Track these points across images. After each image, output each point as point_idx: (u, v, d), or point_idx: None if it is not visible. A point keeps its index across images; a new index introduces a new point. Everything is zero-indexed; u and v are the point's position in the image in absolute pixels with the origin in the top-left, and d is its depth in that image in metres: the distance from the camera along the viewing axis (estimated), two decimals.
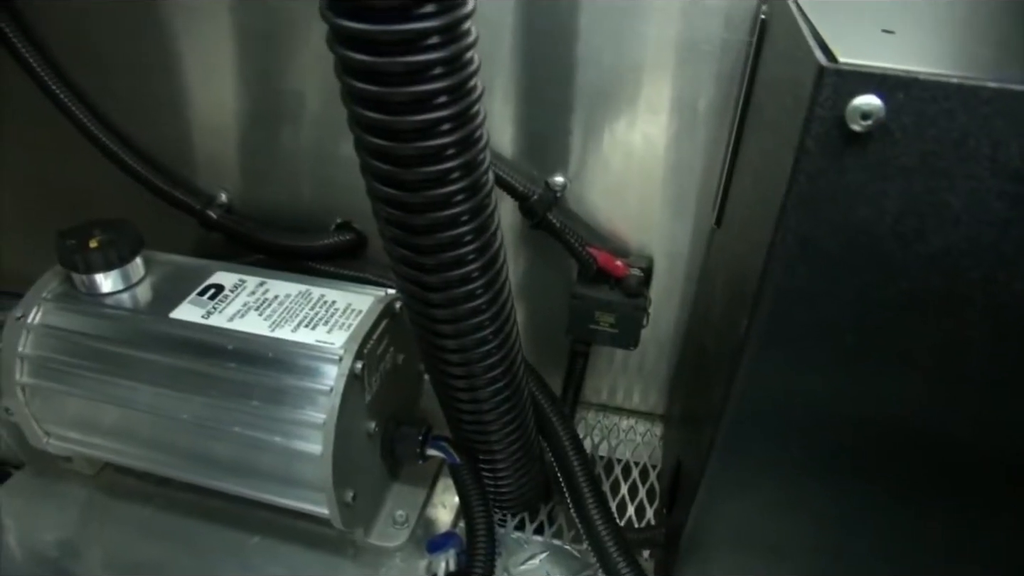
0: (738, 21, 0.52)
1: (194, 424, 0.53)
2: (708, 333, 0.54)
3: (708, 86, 0.57)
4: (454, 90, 0.34)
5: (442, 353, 0.47)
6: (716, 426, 0.43)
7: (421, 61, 0.32)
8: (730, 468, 0.45)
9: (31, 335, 0.57)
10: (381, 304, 0.54)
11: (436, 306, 0.43)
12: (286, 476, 0.53)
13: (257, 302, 0.56)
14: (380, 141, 0.35)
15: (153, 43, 0.68)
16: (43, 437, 0.60)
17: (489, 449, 0.55)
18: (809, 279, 0.35)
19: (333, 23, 0.32)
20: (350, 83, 0.33)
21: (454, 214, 0.38)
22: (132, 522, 0.62)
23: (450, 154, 0.36)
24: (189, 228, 0.75)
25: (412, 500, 0.61)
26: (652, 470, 0.70)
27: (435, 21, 0.31)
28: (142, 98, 0.72)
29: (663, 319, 0.70)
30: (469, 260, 0.41)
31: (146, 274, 0.60)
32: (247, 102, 0.70)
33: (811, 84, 0.30)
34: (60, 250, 0.57)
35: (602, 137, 0.62)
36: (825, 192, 0.32)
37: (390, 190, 0.37)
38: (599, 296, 0.62)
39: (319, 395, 0.50)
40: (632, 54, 0.57)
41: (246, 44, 0.66)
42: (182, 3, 0.65)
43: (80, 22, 0.68)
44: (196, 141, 0.74)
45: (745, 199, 0.47)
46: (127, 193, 0.75)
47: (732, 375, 0.40)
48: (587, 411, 0.77)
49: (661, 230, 0.65)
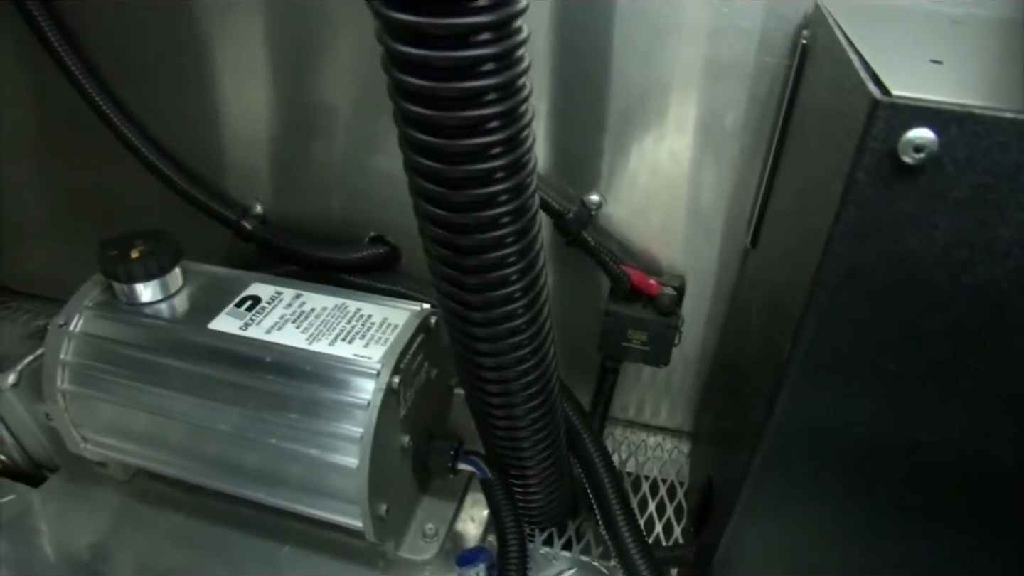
0: (776, 44, 0.52)
1: (231, 434, 0.54)
2: (744, 353, 0.54)
3: (742, 107, 0.57)
4: (506, 115, 0.34)
5: (479, 370, 0.47)
6: (754, 447, 0.43)
7: (476, 87, 0.32)
8: (767, 490, 0.45)
9: (72, 342, 0.58)
10: (417, 319, 0.55)
11: (477, 324, 0.44)
12: (320, 488, 0.53)
13: (294, 315, 0.56)
14: (430, 163, 0.35)
15: (190, 56, 0.69)
16: (80, 442, 0.61)
17: (521, 465, 0.56)
18: (854, 306, 0.36)
19: (390, 47, 0.32)
20: (404, 105, 0.34)
21: (500, 236, 0.39)
22: (164, 528, 0.62)
23: (499, 177, 0.36)
24: (221, 237, 0.76)
25: (441, 514, 0.62)
26: (679, 487, 0.70)
27: (490, 48, 0.32)
28: (178, 110, 0.73)
29: (691, 336, 0.70)
30: (512, 281, 0.41)
31: (184, 284, 0.61)
32: (281, 114, 0.71)
33: (864, 116, 0.30)
34: (102, 259, 0.58)
35: (635, 156, 0.62)
36: (874, 222, 0.33)
37: (437, 210, 0.38)
38: (632, 314, 0.62)
39: (356, 409, 0.50)
40: (664, 74, 0.57)
41: (280, 58, 0.67)
42: (219, 16, 0.66)
43: (120, 33, 0.70)
44: (230, 153, 0.75)
45: (786, 222, 0.48)
46: (160, 202, 0.76)
47: (772, 398, 0.41)
48: (614, 427, 0.77)
49: (691, 248, 0.66)
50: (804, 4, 0.50)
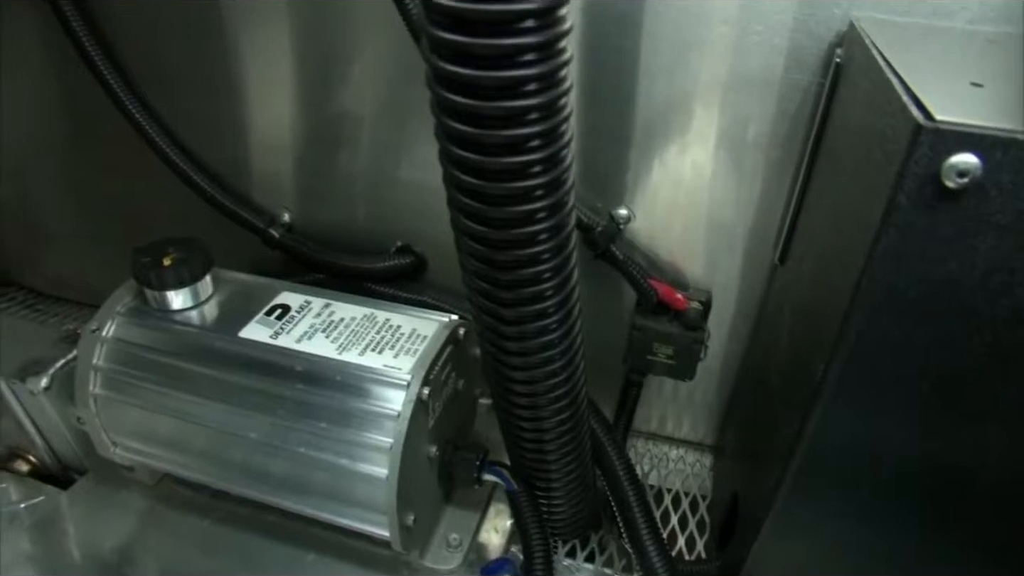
0: (808, 62, 0.52)
1: (260, 442, 0.54)
2: (773, 370, 0.54)
3: (771, 124, 0.57)
4: (547, 135, 0.34)
5: (510, 383, 0.48)
6: (785, 465, 0.43)
7: (519, 107, 0.33)
8: (797, 508, 0.45)
9: (104, 348, 0.59)
10: (446, 331, 0.55)
11: (509, 339, 0.44)
12: (348, 497, 0.54)
13: (323, 324, 0.57)
14: (471, 179, 0.36)
15: (219, 65, 0.70)
16: (111, 447, 0.62)
17: (547, 476, 0.56)
18: (891, 327, 0.36)
19: (436, 65, 0.33)
20: (446, 122, 0.34)
21: (536, 252, 0.39)
22: (189, 534, 0.63)
23: (538, 195, 0.36)
24: (246, 244, 0.77)
25: (465, 524, 0.62)
26: (702, 501, 0.70)
27: (535, 69, 0.32)
28: (207, 118, 0.74)
29: (713, 350, 0.70)
30: (546, 296, 0.41)
31: (214, 292, 0.62)
32: (307, 124, 0.72)
33: (906, 140, 0.30)
34: (135, 266, 0.59)
35: (661, 170, 0.62)
36: (914, 245, 0.33)
37: (475, 226, 0.38)
38: (659, 328, 0.63)
39: (386, 419, 0.51)
40: (692, 90, 0.58)
41: (307, 69, 0.68)
42: (248, 27, 0.67)
43: (153, 43, 0.71)
44: (256, 161, 0.76)
45: (818, 240, 0.48)
46: (185, 209, 0.77)
47: (805, 416, 0.41)
48: (636, 439, 0.77)
49: (715, 263, 0.66)
50: (837, 23, 0.50)
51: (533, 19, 0.31)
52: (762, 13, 0.51)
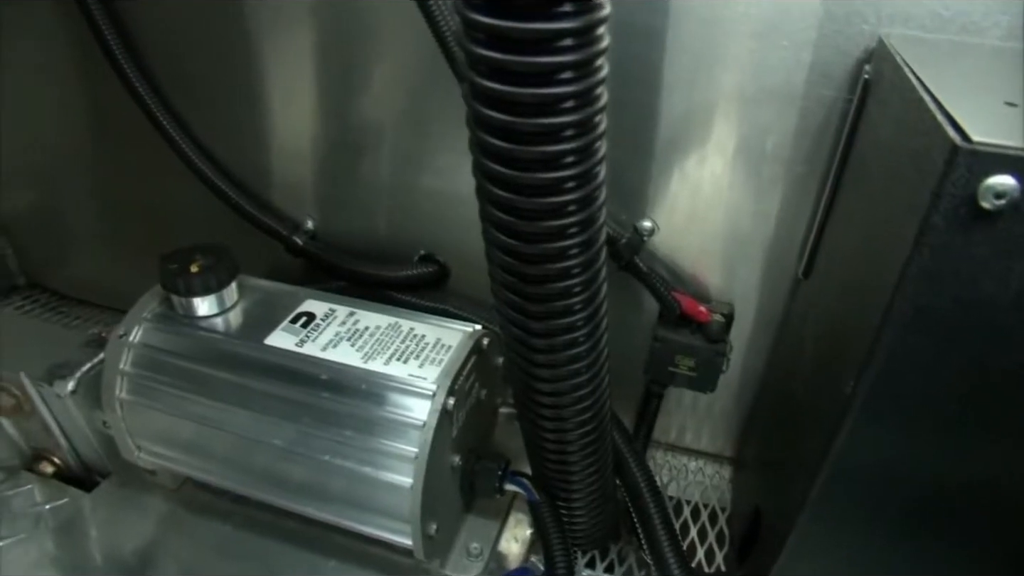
0: (836, 78, 0.52)
1: (285, 449, 0.55)
2: (797, 384, 0.54)
3: (796, 138, 0.57)
4: (581, 151, 0.35)
5: (536, 394, 0.48)
6: (811, 480, 0.43)
7: (555, 123, 0.33)
8: (822, 523, 0.45)
9: (131, 353, 0.60)
10: (471, 341, 0.55)
11: (537, 351, 0.44)
12: (371, 505, 0.54)
13: (348, 332, 0.57)
14: (504, 193, 0.36)
15: (244, 74, 0.71)
16: (135, 451, 0.62)
17: (568, 487, 0.56)
18: (922, 346, 0.36)
19: (474, 81, 0.33)
20: (482, 137, 0.35)
21: (567, 267, 0.39)
22: (210, 538, 0.63)
23: (571, 211, 0.37)
24: (265, 250, 0.77)
25: (485, 533, 0.62)
26: (721, 513, 0.70)
27: (572, 87, 0.32)
28: (231, 126, 0.75)
29: (734, 362, 0.69)
30: (576, 310, 0.42)
31: (239, 299, 0.62)
32: (329, 132, 0.72)
33: (942, 161, 0.31)
34: (162, 273, 0.59)
35: (684, 182, 0.62)
36: (948, 265, 0.33)
37: (507, 239, 0.38)
38: (681, 340, 0.63)
39: (410, 428, 0.51)
40: (716, 103, 0.58)
41: (329, 77, 0.69)
42: (271, 35, 0.68)
43: (181, 52, 0.72)
44: (279, 168, 0.76)
45: (845, 256, 0.48)
46: (207, 214, 0.78)
47: (832, 432, 0.41)
48: (655, 450, 0.77)
49: (737, 275, 0.66)
50: (865, 39, 0.50)
51: (572, 38, 0.31)
52: (789, 28, 0.52)
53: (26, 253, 0.98)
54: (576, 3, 0.30)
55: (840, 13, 0.50)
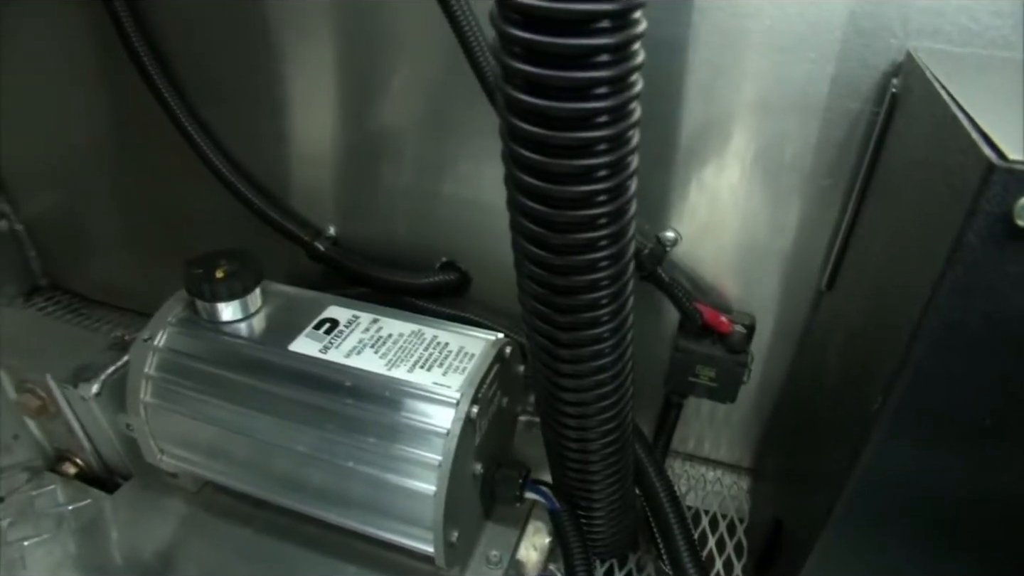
0: (862, 90, 0.52)
1: (308, 455, 0.55)
2: (821, 397, 0.54)
3: (820, 150, 0.57)
4: (614, 165, 0.35)
5: (560, 403, 0.48)
6: (835, 494, 0.43)
7: (589, 138, 0.33)
8: (846, 536, 0.45)
9: (156, 357, 0.60)
10: (494, 349, 0.56)
11: (563, 360, 0.44)
12: (393, 511, 0.54)
13: (372, 339, 0.58)
14: (536, 206, 0.36)
15: (266, 81, 0.71)
16: (158, 454, 0.63)
17: (589, 496, 0.56)
18: (953, 362, 0.36)
19: (509, 94, 0.33)
20: (515, 149, 0.35)
21: (596, 279, 0.39)
22: (231, 541, 0.64)
23: (602, 223, 0.37)
24: (285, 255, 0.78)
25: (505, 540, 0.62)
26: (739, 524, 0.70)
27: (607, 102, 0.33)
28: (252, 131, 0.75)
29: (753, 373, 0.70)
30: (603, 322, 0.42)
31: (263, 304, 0.63)
32: (350, 139, 0.73)
33: (977, 179, 0.31)
34: (187, 278, 0.60)
35: (706, 193, 0.62)
36: (981, 282, 0.33)
37: (537, 250, 0.39)
38: (702, 350, 0.63)
39: (434, 436, 0.51)
40: (738, 115, 0.58)
41: (350, 85, 0.70)
42: (292, 41, 0.68)
43: (207, 58, 0.72)
44: (301, 174, 0.77)
45: (872, 270, 0.48)
46: (227, 219, 0.79)
47: (858, 446, 0.41)
48: (673, 460, 0.77)
49: (758, 286, 0.66)
50: (893, 52, 0.50)
51: (608, 54, 0.31)
52: (816, 41, 0.52)
53: (49, 255, 0.99)
54: (613, 19, 0.31)
55: (868, 27, 0.50)
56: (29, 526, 0.64)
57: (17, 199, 0.94)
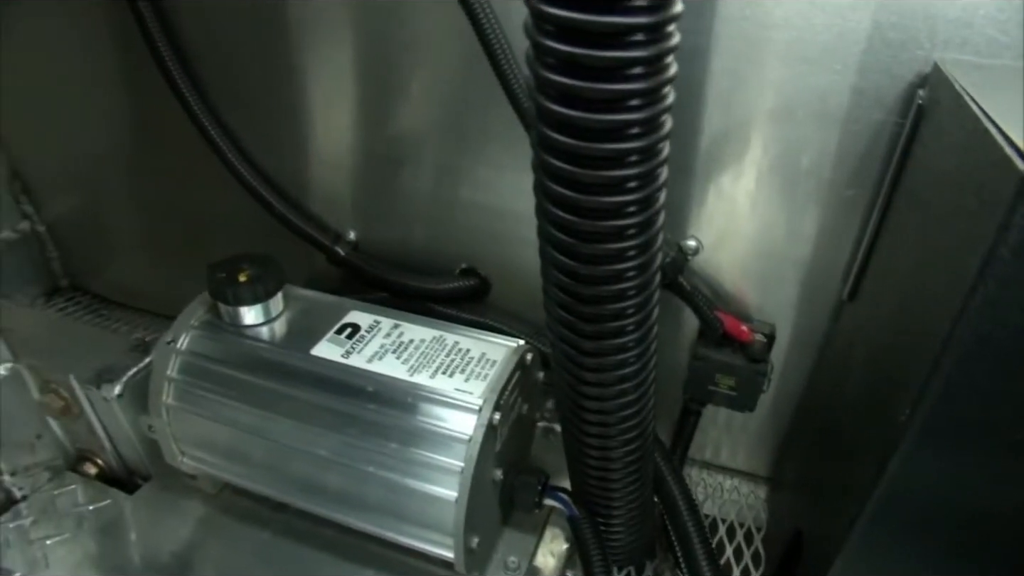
0: (887, 101, 0.52)
1: (329, 459, 0.55)
2: (843, 408, 0.53)
3: (842, 160, 0.57)
4: (644, 176, 0.35)
5: (582, 411, 0.48)
6: (860, 505, 0.43)
7: (620, 149, 0.34)
8: (870, 548, 0.44)
9: (179, 360, 0.61)
10: (515, 356, 0.56)
11: (587, 368, 0.44)
12: (414, 517, 0.54)
13: (394, 345, 0.58)
14: (565, 215, 0.37)
15: (287, 85, 0.72)
16: (178, 455, 0.63)
17: (608, 504, 0.56)
18: (982, 376, 0.36)
19: (542, 105, 0.34)
20: (546, 159, 0.35)
21: (622, 288, 0.39)
22: (249, 544, 0.64)
23: (630, 234, 0.37)
24: (305, 259, 0.78)
25: (523, 547, 0.62)
26: (756, 533, 0.70)
27: (639, 114, 0.33)
28: (272, 136, 0.76)
29: (772, 381, 0.70)
30: (628, 331, 0.42)
31: (284, 308, 0.63)
32: (369, 144, 0.73)
33: (1011, 193, 0.31)
34: (211, 282, 0.60)
35: (726, 202, 0.62)
36: (1013, 296, 0.33)
37: (564, 259, 0.39)
38: (722, 359, 0.63)
39: (456, 442, 0.51)
40: (760, 124, 0.58)
41: (369, 90, 0.70)
42: (313, 46, 0.69)
43: (226, 60, 0.73)
44: (319, 179, 0.77)
45: (899, 282, 0.47)
46: (246, 223, 0.80)
47: (884, 459, 0.40)
48: (690, 467, 0.77)
49: (777, 295, 0.66)
50: (919, 63, 0.50)
51: (641, 66, 0.31)
52: (843, 53, 0.52)
53: (69, 256, 1.00)
54: (646, 32, 0.31)
55: (895, 38, 0.50)
56: (51, 525, 0.65)
57: (40, 201, 0.95)
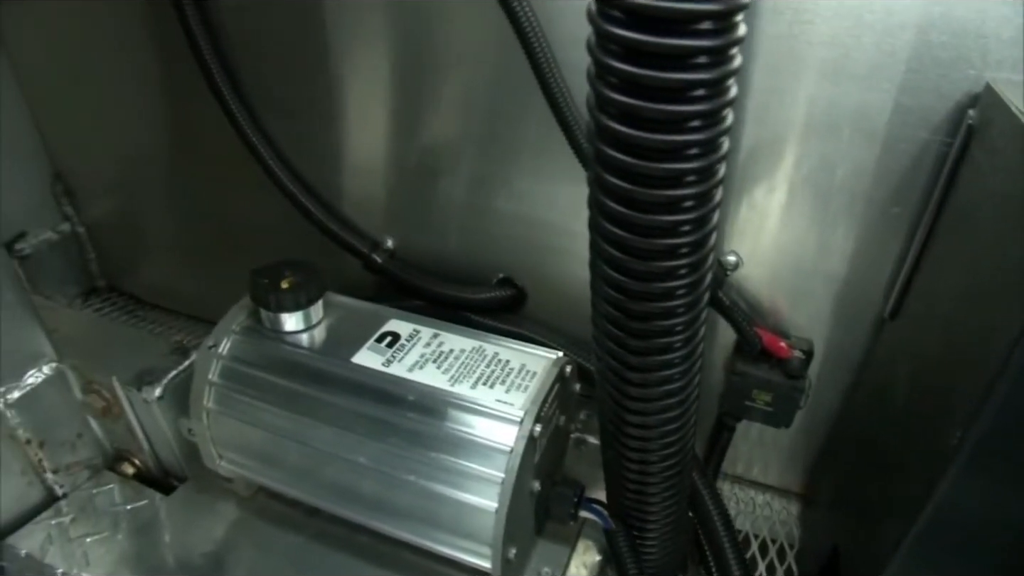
0: (935, 121, 0.52)
1: (369, 467, 0.55)
2: (884, 426, 0.53)
3: (885, 179, 0.57)
4: (700, 196, 0.35)
5: (624, 425, 0.48)
6: (906, 526, 0.43)
7: (679, 169, 0.34)
8: (916, 568, 0.44)
9: (220, 364, 0.62)
10: (555, 368, 0.56)
11: (632, 384, 0.44)
12: (452, 526, 0.55)
13: (434, 354, 0.58)
14: (620, 232, 0.37)
15: (326, 94, 0.73)
16: (217, 459, 0.64)
17: (644, 517, 0.56)
18: None
19: (602, 123, 0.34)
20: (603, 176, 0.36)
21: (672, 306, 0.40)
22: (283, 548, 0.64)
23: (683, 252, 0.37)
24: (339, 265, 0.79)
25: (556, 558, 0.62)
26: (789, 549, 0.69)
27: (699, 135, 0.33)
28: (309, 143, 0.77)
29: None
30: (675, 348, 0.42)
31: (324, 316, 0.63)
32: (405, 152, 0.74)
33: None
34: (253, 287, 0.61)
35: (764, 218, 0.62)
36: None
37: (616, 275, 0.39)
38: (760, 375, 0.63)
39: (497, 453, 0.52)
40: (803, 141, 0.58)
41: (405, 98, 0.71)
42: (350, 53, 0.70)
43: (264, 68, 0.74)
44: (355, 186, 0.78)
45: (947, 304, 0.47)
46: (281, 228, 0.80)
47: (933, 480, 0.40)
48: (721, 482, 0.77)
49: (814, 312, 0.65)
50: (969, 83, 0.50)
51: (704, 88, 0.32)
52: (891, 72, 0.52)
53: (107, 257, 1.02)
54: (710, 55, 0.31)
55: (945, 57, 0.49)
56: (90, 523, 0.66)
57: (80, 203, 0.97)
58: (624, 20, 0.30)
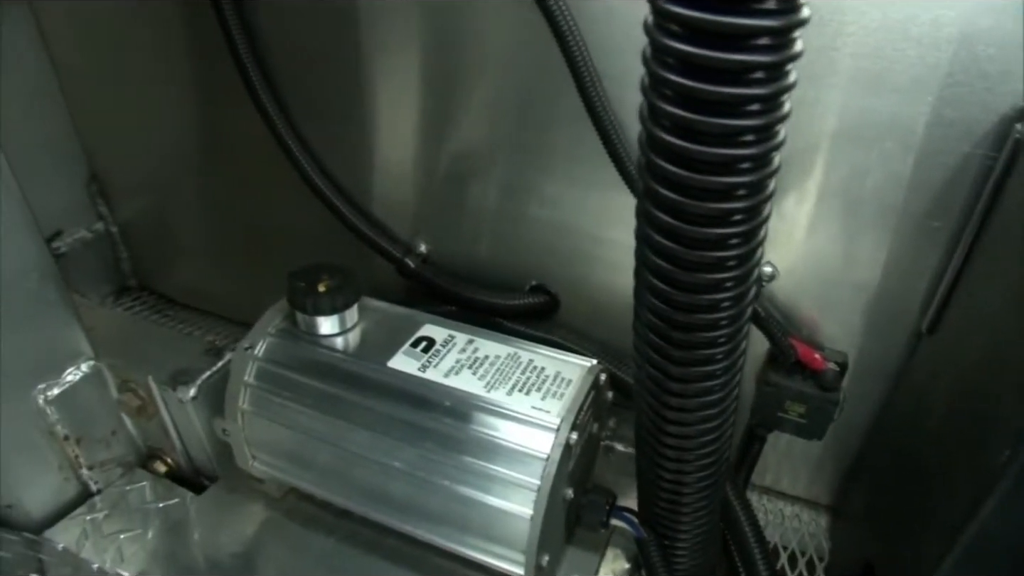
0: (979, 135, 0.52)
1: (404, 472, 0.56)
2: (923, 441, 0.53)
3: (924, 191, 0.56)
4: (749, 211, 0.35)
5: (662, 435, 0.48)
6: (949, 544, 0.42)
7: (729, 183, 0.34)
8: None
9: (255, 366, 0.62)
10: (591, 376, 0.56)
11: (672, 394, 0.44)
12: (485, 532, 0.55)
13: (469, 360, 0.59)
14: (669, 243, 0.37)
15: (354, 95, 0.73)
16: (250, 459, 0.65)
17: (675, 528, 0.56)
18: None
19: (654, 135, 0.34)
20: (654, 187, 0.36)
21: (716, 319, 0.40)
22: (313, 549, 0.65)
23: (730, 265, 0.37)
24: (370, 269, 0.79)
25: (586, 566, 0.62)
26: (819, 562, 0.69)
27: (751, 149, 0.33)
28: (341, 146, 0.77)
29: None
30: (717, 359, 0.42)
31: (359, 320, 0.64)
32: (436, 157, 0.74)
33: None
34: (291, 290, 0.62)
35: (797, 228, 0.62)
36: None
37: (662, 285, 0.39)
38: (794, 386, 0.62)
39: (533, 460, 0.52)
40: (841, 153, 0.58)
41: (437, 103, 0.71)
42: (381, 57, 0.70)
43: (300, 70, 0.74)
44: (386, 191, 0.78)
45: (988, 320, 0.47)
46: (313, 231, 0.81)
47: (978, 499, 0.40)
48: (750, 492, 0.77)
49: (849, 325, 0.65)
50: (1016, 97, 0.49)
51: (759, 103, 0.32)
52: (936, 85, 0.51)
53: (139, 257, 1.03)
54: (766, 71, 0.31)
55: (992, 71, 0.49)
56: (122, 520, 0.67)
57: (114, 202, 0.98)
58: (682, 34, 0.31)
